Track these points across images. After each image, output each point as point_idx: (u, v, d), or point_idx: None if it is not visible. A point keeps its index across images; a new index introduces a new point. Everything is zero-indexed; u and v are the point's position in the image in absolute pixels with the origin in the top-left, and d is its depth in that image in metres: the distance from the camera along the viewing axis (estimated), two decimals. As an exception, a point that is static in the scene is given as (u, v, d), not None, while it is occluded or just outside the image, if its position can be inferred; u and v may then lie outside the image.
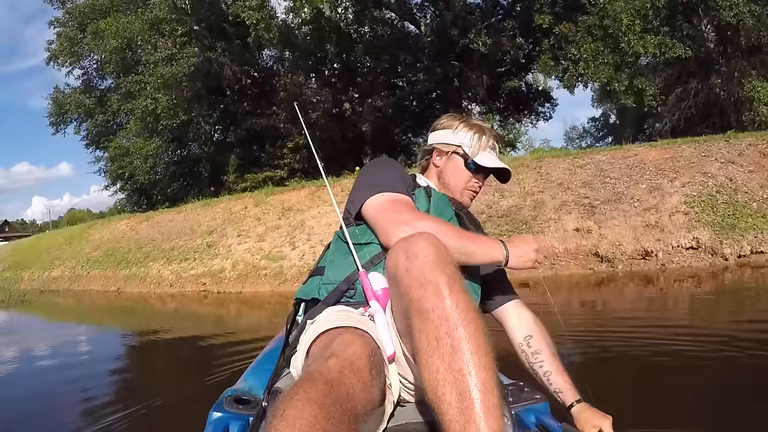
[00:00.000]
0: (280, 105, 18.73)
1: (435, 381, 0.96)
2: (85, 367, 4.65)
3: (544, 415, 1.28)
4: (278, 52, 20.29)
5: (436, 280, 1.00)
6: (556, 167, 8.85)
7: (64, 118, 22.73)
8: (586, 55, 13.76)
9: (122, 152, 21.31)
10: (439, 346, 0.97)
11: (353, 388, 0.95)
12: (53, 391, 3.73)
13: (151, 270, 10.60)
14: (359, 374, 0.99)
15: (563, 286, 6.63)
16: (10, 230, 63.20)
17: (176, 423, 2.57)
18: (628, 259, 7.08)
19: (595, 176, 8.36)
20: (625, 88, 13.74)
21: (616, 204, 7.73)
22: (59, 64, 21.02)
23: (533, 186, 8.38)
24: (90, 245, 14.18)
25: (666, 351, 3.35)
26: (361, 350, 1.05)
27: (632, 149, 9.42)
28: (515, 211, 7.91)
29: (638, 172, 8.44)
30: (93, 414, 3.03)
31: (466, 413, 0.91)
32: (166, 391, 3.32)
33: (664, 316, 4.83)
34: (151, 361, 4.85)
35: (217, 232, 10.60)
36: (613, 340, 3.87)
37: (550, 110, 22.35)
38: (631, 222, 7.44)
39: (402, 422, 1.18)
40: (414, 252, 1.05)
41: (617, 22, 12.85)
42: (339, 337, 1.11)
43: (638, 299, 5.89)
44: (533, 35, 16.56)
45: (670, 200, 7.78)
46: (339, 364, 0.98)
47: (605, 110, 34.41)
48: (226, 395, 1.27)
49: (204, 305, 8.33)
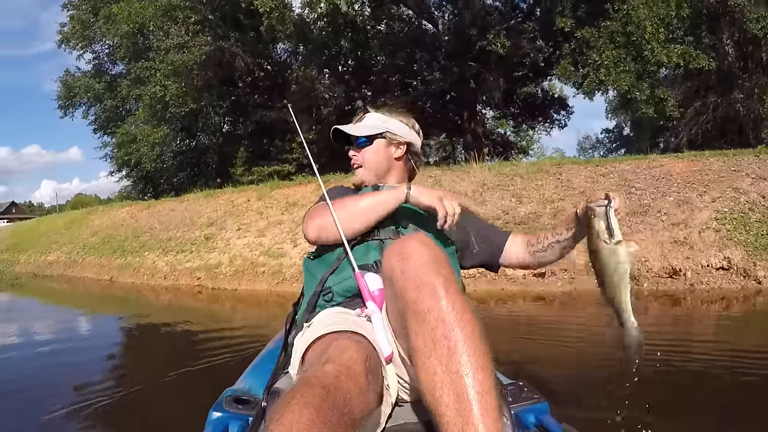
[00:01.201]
0: (292, 98, 18.45)
1: (432, 383, 0.96)
2: (63, 356, 4.50)
3: (543, 415, 1.27)
4: (292, 46, 20.04)
5: (431, 281, 1.01)
6: (577, 174, 8.35)
7: (72, 101, 22.63)
8: (607, 61, 13.35)
9: (129, 139, 21.08)
10: (436, 348, 0.97)
11: (350, 393, 0.95)
12: (29, 383, 3.57)
13: (146, 260, 10.19)
14: (356, 379, 0.99)
15: (582, 303, 6.14)
16: (17, 211, 63.44)
17: (176, 423, 2.47)
18: (654, 276, 6.56)
19: (620, 186, 7.85)
20: (647, 97, 13.28)
21: (642, 217, 7.22)
22: (71, 47, 21.01)
23: (553, 193, 7.88)
24: (88, 231, 13.82)
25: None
26: (357, 355, 1.05)
27: (657, 159, 8.90)
28: (534, 218, 7.40)
29: (665, 184, 7.93)
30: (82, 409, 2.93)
31: (464, 415, 0.91)
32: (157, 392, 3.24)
33: (699, 338, 4.46)
34: (137, 352, 4.78)
35: (216, 225, 10.17)
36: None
37: (565, 118, 21.99)
38: (658, 237, 6.93)
39: (400, 422, 1.18)
40: (407, 253, 1.06)
41: (641, 29, 12.47)
42: (334, 343, 1.11)
43: (674, 321, 5.40)
44: (554, 39, 16.24)
45: (700, 216, 7.26)
46: (335, 369, 0.98)
47: (619, 121, 34.09)
48: (226, 395, 1.28)
49: (198, 300, 7.91)
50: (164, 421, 2.71)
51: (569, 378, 3.30)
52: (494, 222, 7.74)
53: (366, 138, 1.72)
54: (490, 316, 5.51)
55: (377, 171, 1.72)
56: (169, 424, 2.63)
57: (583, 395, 2.78)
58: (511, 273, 6.74)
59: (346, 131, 1.72)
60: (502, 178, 8.55)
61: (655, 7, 12.33)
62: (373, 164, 1.72)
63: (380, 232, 1.49)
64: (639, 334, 1.29)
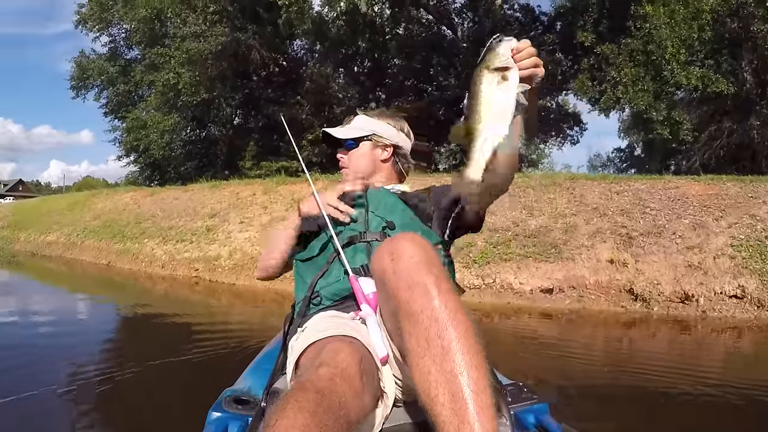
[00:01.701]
0: (305, 95, 18.33)
1: (427, 383, 0.95)
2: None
3: (543, 415, 1.26)
4: (309, 43, 19.95)
5: (423, 280, 1.00)
6: (591, 190, 8.14)
7: (85, 83, 22.52)
8: (625, 79, 13.23)
9: (139, 124, 20.91)
10: (430, 348, 0.96)
11: (345, 396, 0.94)
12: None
13: (145, 247, 10.04)
14: (350, 381, 0.99)
15: (591, 323, 5.94)
16: (24, 190, 63.59)
17: (176, 423, 2.50)
18: (665, 300, 6.34)
19: (634, 205, 7.63)
20: (663, 118, 13.13)
21: (656, 238, 6.99)
22: (87, 29, 20.90)
23: (565, 207, 7.67)
24: (90, 214, 13.71)
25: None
26: (350, 358, 1.04)
27: (673, 181, 8.68)
28: (544, 232, 7.19)
29: (681, 206, 7.70)
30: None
31: (460, 414, 0.90)
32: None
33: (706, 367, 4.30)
34: (129, 344, 4.70)
35: (219, 216, 10.01)
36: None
37: (578, 134, 21.77)
38: (671, 260, 6.70)
39: (399, 423, 1.18)
40: (399, 253, 1.05)
41: (662, 48, 12.35)
42: (327, 346, 1.10)
43: (682, 347, 5.20)
44: (573, 52, 16.10)
45: (716, 241, 7.03)
46: (330, 372, 0.97)
47: (631, 142, 33.82)
48: (225, 395, 1.27)
49: (195, 292, 7.76)
50: (164, 421, 2.69)
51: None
52: (503, 233, 7.60)
53: (353, 140, 1.73)
54: (494, 329, 5.33)
55: (362, 173, 1.73)
56: (167, 424, 2.63)
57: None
58: (517, 287, 6.54)
59: (333, 134, 1.74)
60: (513, 188, 8.32)
61: (677, 28, 12.26)
62: (358, 167, 1.73)
63: (366, 234, 1.49)
64: (478, 178, 1.16)
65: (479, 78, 1.14)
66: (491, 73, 1.13)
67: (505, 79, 1.13)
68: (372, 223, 1.52)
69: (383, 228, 1.50)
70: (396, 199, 1.59)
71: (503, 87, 1.13)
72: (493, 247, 7.06)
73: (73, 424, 2.69)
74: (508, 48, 1.14)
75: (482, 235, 7.34)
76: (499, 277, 6.66)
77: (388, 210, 1.54)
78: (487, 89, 1.13)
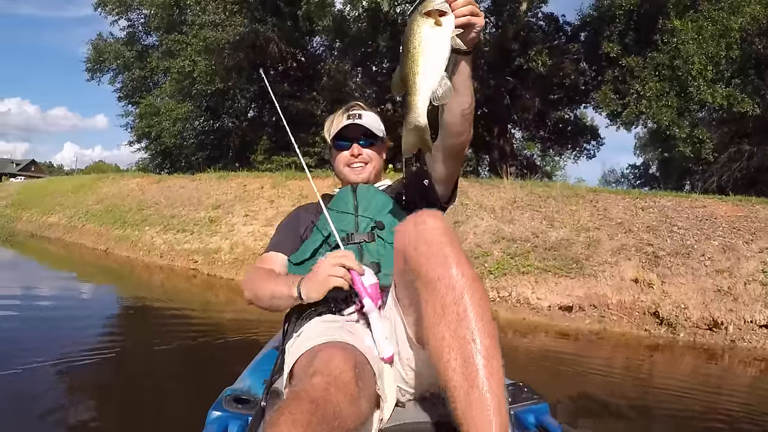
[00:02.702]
0: (321, 92, 18.06)
1: (440, 348, 0.98)
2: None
3: (543, 415, 1.26)
4: (329, 40, 19.71)
5: (443, 251, 1.03)
6: (615, 204, 7.71)
7: (101, 66, 22.43)
8: (650, 93, 12.96)
9: (152, 111, 20.73)
10: (445, 315, 0.99)
11: (340, 405, 0.94)
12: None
13: (145, 235, 9.73)
14: (345, 388, 0.98)
15: (611, 345, 5.51)
16: (36, 170, 63.85)
17: (176, 422, 2.44)
18: (692, 326, 5.89)
19: (661, 222, 7.19)
20: (686, 135, 12.80)
21: (683, 258, 6.54)
22: (107, 12, 20.81)
23: (588, 221, 7.23)
24: (94, 197, 13.48)
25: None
26: (344, 364, 1.04)
27: (700, 199, 8.24)
28: (566, 245, 6.75)
29: (709, 226, 7.26)
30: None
31: (470, 379, 0.94)
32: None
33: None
34: (125, 341, 4.56)
35: (224, 208, 9.67)
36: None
37: (595, 149, 21.34)
38: (700, 283, 6.25)
39: (400, 422, 1.16)
40: (422, 222, 1.08)
41: (688, 64, 12.07)
42: (320, 354, 1.09)
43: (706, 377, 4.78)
44: (598, 63, 15.73)
45: (746, 265, 6.57)
46: (324, 381, 0.97)
47: (647, 159, 33.43)
48: (225, 395, 1.28)
49: (192, 285, 7.44)
50: (164, 421, 2.68)
51: None
52: (522, 244, 7.19)
53: (376, 138, 1.75)
54: (508, 346, 4.93)
55: (380, 171, 1.78)
56: (167, 423, 2.61)
57: None
58: (534, 302, 6.12)
59: (371, 129, 1.71)
60: (534, 198, 7.93)
61: (704, 45, 12.05)
62: (379, 164, 1.77)
63: (355, 236, 1.50)
64: (421, 123, 1.15)
65: (413, 23, 1.11)
66: (424, 18, 1.10)
67: (439, 24, 1.09)
68: (361, 224, 1.53)
69: (372, 228, 1.52)
70: (386, 198, 1.60)
71: (437, 32, 1.09)
72: (511, 258, 6.64)
73: (73, 424, 2.65)
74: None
75: (499, 245, 6.94)
76: (516, 291, 6.24)
77: (377, 210, 1.56)
78: (420, 34, 1.10)
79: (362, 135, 1.71)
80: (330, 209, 1.57)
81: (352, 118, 1.70)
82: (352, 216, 1.55)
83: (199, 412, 1.22)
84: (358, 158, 1.70)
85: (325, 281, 1.30)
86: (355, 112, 1.74)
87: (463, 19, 1.13)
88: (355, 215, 1.55)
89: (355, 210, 1.56)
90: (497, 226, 7.38)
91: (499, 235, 7.18)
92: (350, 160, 1.71)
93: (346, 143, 1.71)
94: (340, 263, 1.31)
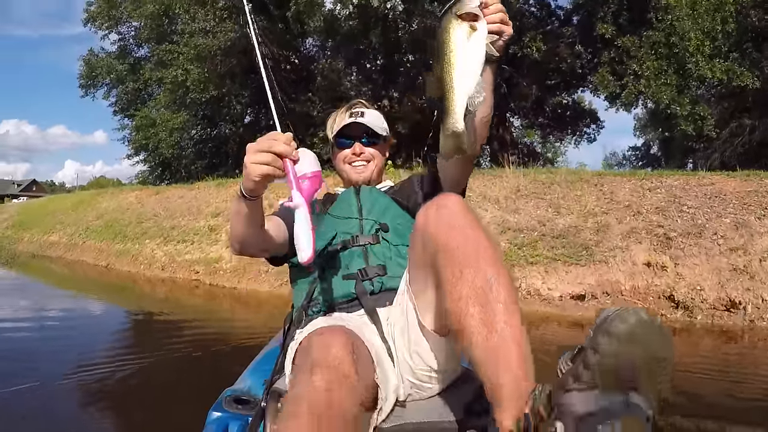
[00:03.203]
0: (317, 92, 17.92)
1: (458, 307, 0.99)
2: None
3: None
4: (321, 41, 19.58)
5: (462, 223, 1.05)
6: (621, 187, 7.53)
7: (94, 81, 22.31)
8: (648, 72, 12.77)
9: (148, 122, 20.61)
10: (463, 276, 0.99)
11: (343, 404, 0.94)
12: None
13: (145, 248, 9.61)
14: (346, 381, 0.97)
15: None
16: (37, 190, 64.00)
17: (176, 423, 2.44)
18: (709, 308, 5.71)
19: (670, 202, 7.01)
20: (687, 113, 12.61)
21: (695, 238, 6.36)
22: (96, 27, 20.74)
23: (595, 205, 7.05)
24: (94, 213, 13.38)
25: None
26: (342, 351, 1.02)
27: (707, 176, 8.05)
28: (574, 232, 6.58)
29: (720, 204, 7.07)
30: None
31: (488, 323, 0.94)
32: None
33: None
34: (128, 349, 4.57)
35: (223, 215, 9.53)
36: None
37: (595, 132, 21.17)
38: (714, 263, 6.07)
39: (400, 423, 1.16)
40: (444, 203, 1.09)
41: (685, 40, 11.88)
42: (317, 340, 1.07)
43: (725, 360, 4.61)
44: (593, 45, 15.51)
45: (761, 242, 6.38)
46: (325, 380, 0.95)
47: (647, 140, 33.24)
48: (226, 395, 1.31)
49: (195, 296, 7.33)
50: (164, 421, 2.68)
51: None
52: (529, 234, 7.01)
53: (380, 137, 1.74)
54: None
55: (382, 170, 1.77)
56: (167, 423, 2.61)
57: None
58: (545, 293, 5.95)
59: (373, 128, 1.70)
60: (538, 185, 7.75)
61: (700, 20, 11.85)
62: (381, 163, 1.75)
63: (359, 238, 1.49)
64: (460, 128, 1.13)
65: (448, 26, 1.09)
66: (458, 21, 1.08)
67: (474, 29, 1.08)
68: (365, 226, 1.52)
69: (377, 230, 1.50)
70: (389, 200, 1.60)
71: (474, 37, 1.08)
72: (518, 249, 6.46)
73: (73, 424, 2.70)
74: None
75: (505, 236, 6.77)
76: (525, 282, 6.06)
77: (381, 212, 1.55)
78: (456, 37, 1.08)
79: (364, 133, 1.70)
80: (332, 215, 1.58)
81: (355, 116, 1.69)
82: (356, 220, 1.54)
83: (199, 412, 1.23)
84: (360, 157, 1.70)
85: (251, 172, 1.18)
86: (358, 110, 1.72)
87: (494, 26, 1.12)
88: (359, 219, 1.54)
89: (359, 212, 1.55)
90: (502, 216, 7.20)
91: (504, 225, 7.00)
92: (352, 158, 1.70)
93: (348, 141, 1.71)
94: (265, 148, 1.17)
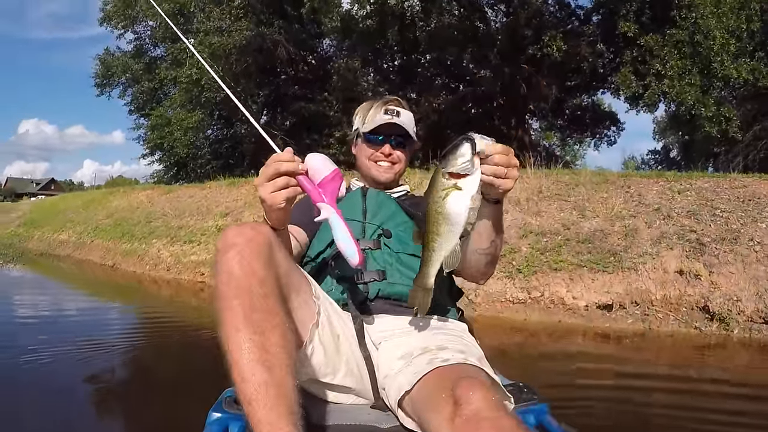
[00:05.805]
0: (333, 92, 17.71)
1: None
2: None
3: (543, 415, 1.25)
4: (338, 40, 19.39)
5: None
6: (648, 189, 7.12)
7: (110, 80, 22.28)
8: (671, 72, 12.32)
9: (163, 122, 20.49)
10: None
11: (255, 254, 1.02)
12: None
13: (152, 248, 9.39)
14: (253, 240, 1.05)
15: (658, 346, 4.95)
16: (55, 188, 64.70)
17: (176, 423, 2.46)
18: (746, 320, 5.28)
19: (701, 206, 6.58)
20: (712, 114, 12.17)
21: (731, 245, 5.93)
22: (112, 26, 20.70)
23: (622, 208, 6.64)
24: (104, 212, 13.26)
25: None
26: (252, 231, 1.08)
27: (739, 179, 7.60)
28: (600, 236, 6.17)
29: (754, 208, 6.61)
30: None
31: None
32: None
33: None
34: (130, 351, 4.45)
35: (232, 215, 9.29)
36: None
37: (615, 135, 20.66)
38: (751, 271, 5.64)
39: (399, 423, 1.17)
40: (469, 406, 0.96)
41: (709, 39, 11.46)
42: (230, 230, 1.11)
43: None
44: (615, 44, 15.07)
45: (800, 249, 5.95)
46: (237, 250, 1.03)
47: (667, 143, 32.69)
48: (226, 395, 1.28)
49: (199, 299, 7.03)
50: (164, 421, 2.68)
51: None
52: (552, 238, 6.63)
53: (408, 139, 1.69)
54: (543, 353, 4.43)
55: (403, 172, 1.72)
56: (167, 424, 2.61)
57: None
58: (570, 302, 5.55)
59: (407, 129, 1.64)
60: (561, 186, 7.35)
61: (724, 18, 11.45)
62: (405, 166, 1.71)
63: (360, 243, 1.30)
64: (428, 286, 1.18)
65: (433, 183, 1.09)
66: (444, 180, 1.06)
67: (458, 188, 1.05)
68: (368, 230, 1.48)
69: (379, 235, 1.47)
70: (396, 206, 1.56)
71: (454, 197, 1.06)
72: (541, 254, 6.06)
73: (73, 423, 2.70)
74: (468, 150, 1.04)
75: (527, 240, 6.39)
76: (549, 290, 5.66)
77: (385, 217, 1.51)
78: (441, 198, 1.07)
79: (397, 135, 1.65)
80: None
81: (391, 115, 1.62)
82: (359, 223, 1.49)
83: (199, 413, 1.22)
84: (388, 158, 1.65)
85: (272, 203, 1.12)
86: (394, 108, 1.64)
87: (487, 178, 1.08)
88: (362, 222, 1.49)
89: (363, 216, 1.51)
90: (523, 219, 6.82)
91: (526, 228, 6.62)
92: (379, 157, 1.65)
93: (378, 138, 1.64)
94: (273, 174, 1.12)
